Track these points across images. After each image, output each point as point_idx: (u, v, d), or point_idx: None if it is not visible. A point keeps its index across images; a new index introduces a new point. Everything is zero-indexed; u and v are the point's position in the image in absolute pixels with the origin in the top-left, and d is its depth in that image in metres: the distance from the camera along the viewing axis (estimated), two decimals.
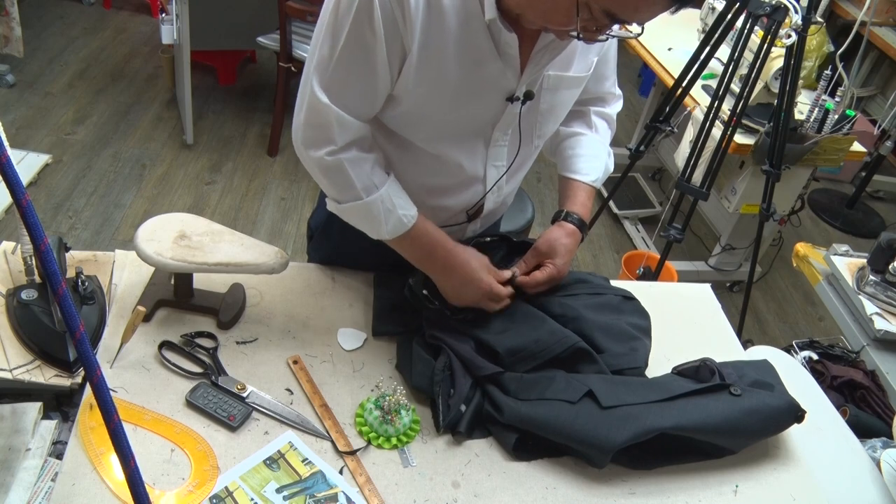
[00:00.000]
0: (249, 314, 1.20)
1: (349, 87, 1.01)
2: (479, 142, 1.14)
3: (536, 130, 1.17)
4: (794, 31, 2.01)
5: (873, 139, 3.54)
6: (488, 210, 1.26)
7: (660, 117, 2.49)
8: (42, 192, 2.87)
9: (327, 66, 1.00)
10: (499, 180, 1.20)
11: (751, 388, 1.11)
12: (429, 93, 1.03)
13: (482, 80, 1.04)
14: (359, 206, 1.09)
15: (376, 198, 1.08)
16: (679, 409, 1.06)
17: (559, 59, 1.08)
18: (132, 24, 4.22)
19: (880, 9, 3.80)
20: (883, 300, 1.71)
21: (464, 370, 1.12)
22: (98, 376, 0.61)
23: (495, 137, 1.14)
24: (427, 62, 0.99)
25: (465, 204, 1.22)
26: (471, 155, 1.14)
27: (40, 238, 0.56)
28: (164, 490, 0.92)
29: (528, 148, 1.20)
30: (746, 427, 1.08)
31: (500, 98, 1.08)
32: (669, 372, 1.20)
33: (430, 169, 1.15)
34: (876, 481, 1.19)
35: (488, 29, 0.99)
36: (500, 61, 1.02)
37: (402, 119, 1.08)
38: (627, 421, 1.03)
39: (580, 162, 1.27)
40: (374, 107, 1.06)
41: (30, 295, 1.09)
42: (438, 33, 0.97)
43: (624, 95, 1.39)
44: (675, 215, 2.41)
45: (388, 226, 1.10)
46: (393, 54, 0.97)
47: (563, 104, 1.18)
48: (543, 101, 1.12)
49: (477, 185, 1.20)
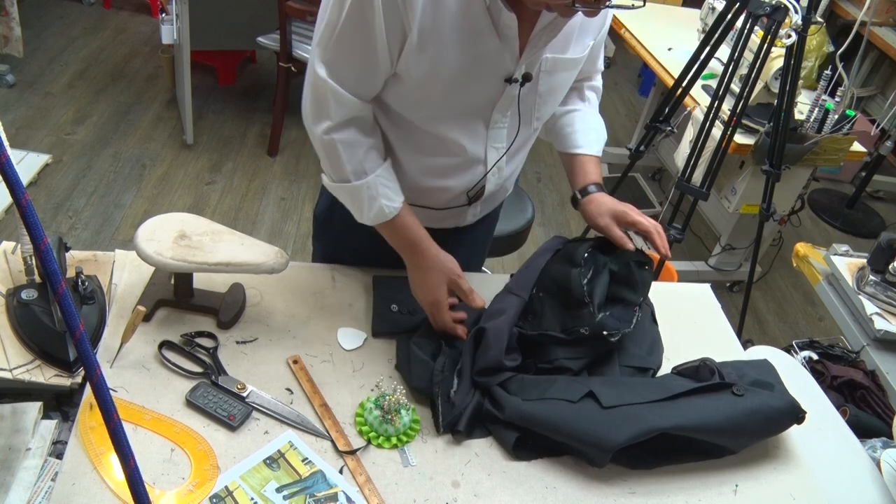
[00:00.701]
0: (249, 314, 1.20)
1: (348, 64, 1.04)
2: (478, 123, 1.15)
3: (535, 112, 1.19)
4: (794, 31, 2.01)
5: (873, 139, 3.54)
6: (489, 192, 1.27)
7: (660, 117, 2.49)
8: (42, 192, 2.87)
9: (328, 43, 1.02)
10: (498, 161, 1.22)
11: (752, 387, 1.11)
12: (429, 73, 1.04)
13: (481, 62, 1.05)
14: (346, 187, 1.13)
15: (363, 184, 1.11)
16: (680, 409, 1.06)
17: (557, 42, 1.09)
18: (132, 24, 4.22)
19: (880, 9, 3.81)
20: (883, 300, 1.71)
21: (462, 369, 1.12)
22: (98, 376, 0.61)
23: (495, 119, 1.15)
24: (427, 43, 1.00)
25: (465, 185, 1.23)
26: (471, 136, 1.16)
27: (40, 238, 0.56)
28: (164, 490, 0.92)
29: (528, 129, 1.21)
30: (747, 427, 1.08)
31: (498, 80, 1.09)
32: (669, 372, 1.20)
33: (430, 149, 1.17)
34: (876, 481, 1.19)
35: (488, 10, 1.00)
36: (498, 42, 1.03)
37: (404, 99, 1.10)
38: (628, 421, 1.03)
39: (581, 137, 1.29)
40: (374, 86, 1.08)
41: (30, 295, 1.09)
42: (439, 14, 0.98)
43: (624, 95, 1.40)
44: (675, 215, 2.41)
45: (371, 212, 1.13)
46: (393, 34, 0.99)
47: (562, 86, 1.20)
48: (542, 84, 1.14)
49: (477, 166, 1.21)
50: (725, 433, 1.07)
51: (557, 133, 1.32)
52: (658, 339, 1.28)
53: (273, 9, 2.93)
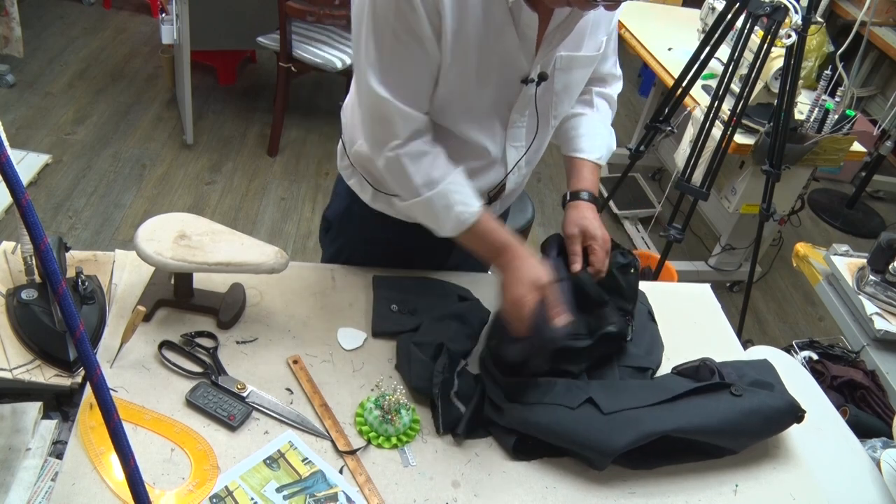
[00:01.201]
0: (249, 314, 1.20)
1: (405, 78, 1.03)
2: (496, 123, 1.16)
3: (553, 111, 1.19)
4: (794, 31, 2.01)
5: (873, 139, 3.54)
6: (509, 190, 1.28)
7: (660, 117, 2.49)
8: (42, 192, 2.87)
9: (381, 61, 1.01)
10: (520, 160, 1.22)
11: (751, 387, 1.11)
12: (458, 73, 1.05)
13: (500, 61, 1.06)
14: (419, 202, 1.10)
15: (434, 194, 1.08)
16: (680, 411, 1.06)
17: (570, 40, 1.09)
18: (132, 24, 4.21)
19: (880, 9, 3.81)
20: (883, 300, 1.71)
21: (463, 370, 1.12)
22: (98, 376, 0.61)
23: (513, 119, 1.16)
24: (457, 42, 1.00)
25: (488, 185, 1.23)
26: (490, 136, 1.16)
27: (40, 238, 0.56)
28: (164, 490, 0.92)
29: (546, 128, 1.22)
30: (747, 427, 1.08)
31: (515, 80, 1.09)
32: (669, 372, 1.20)
33: (456, 152, 1.16)
34: (876, 481, 1.18)
35: (510, 9, 1.00)
36: (517, 41, 1.04)
37: (438, 101, 1.10)
38: (629, 425, 1.03)
39: (584, 141, 1.29)
40: (430, 95, 1.07)
41: (30, 295, 1.09)
42: (463, 15, 0.99)
43: (624, 95, 1.39)
44: (675, 215, 2.41)
45: (448, 223, 1.10)
46: (435, 33, 0.99)
47: (577, 83, 1.20)
48: (557, 82, 1.14)
49: (498, 166, 1.21)
50: (725, 434, 1.07)
51: (562, 135, 1.32)
52: (657, 338, 1.29)
53: (273, 9, 2.93)
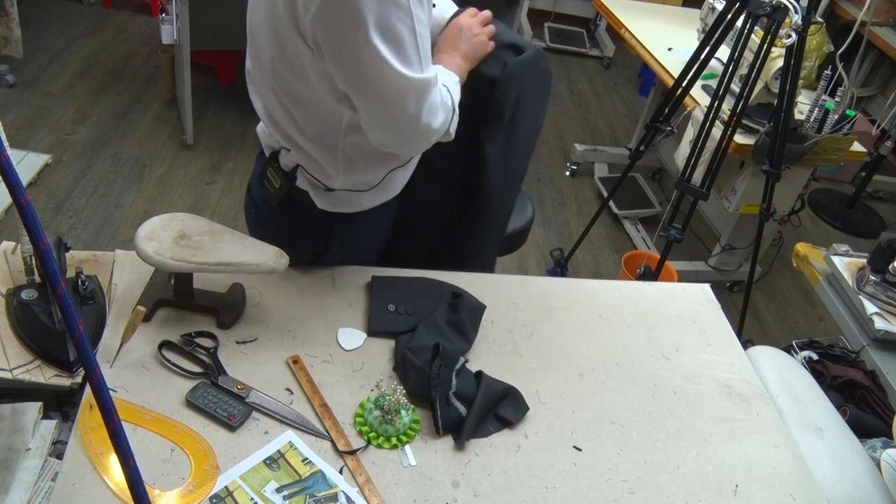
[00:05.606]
0: (249, 314, 1.20)
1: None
2: None
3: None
4: (794, 31, 2.01)
5: (873, 139, 3.54)
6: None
7: (660, 117, 2.49)
8: (42, 192, 2.87)
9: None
10: None
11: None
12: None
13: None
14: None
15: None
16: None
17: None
18: (132, 24, 4.21)
19: (880, 9, 3.81)
20: (883, 300, 1.71)
21: (462, 369, 1.12)
22: (98, 376, 0.61)
23: None
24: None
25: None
26: None
27: (40, 238, 0.56)
28: (164, 490, 0.92)
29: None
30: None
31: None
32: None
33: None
34: (876, 481, 1.18)
35: None
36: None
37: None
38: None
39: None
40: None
41: (30, 295, 1.09)
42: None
43: (624, 95, 1.41)
44: (675, 215, 2.40)
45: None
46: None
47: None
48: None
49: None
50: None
51: None
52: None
53: None
